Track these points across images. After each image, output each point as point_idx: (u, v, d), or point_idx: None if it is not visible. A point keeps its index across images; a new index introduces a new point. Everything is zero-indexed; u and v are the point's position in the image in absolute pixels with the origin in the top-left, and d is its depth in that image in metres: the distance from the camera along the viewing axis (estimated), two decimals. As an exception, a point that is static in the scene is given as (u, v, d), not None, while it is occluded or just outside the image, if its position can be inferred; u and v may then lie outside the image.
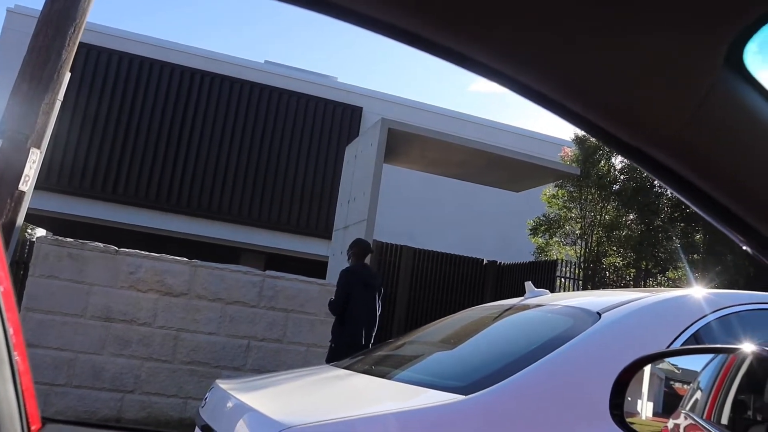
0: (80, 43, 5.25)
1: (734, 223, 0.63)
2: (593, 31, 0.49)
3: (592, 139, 11.79)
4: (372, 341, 5.19)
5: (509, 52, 0.51)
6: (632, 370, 1.15)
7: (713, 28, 0.50)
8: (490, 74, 0.53)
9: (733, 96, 0.54)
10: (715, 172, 0.59)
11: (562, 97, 0.55)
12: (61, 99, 5.11)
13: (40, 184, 12.02)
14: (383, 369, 2.63)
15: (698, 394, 1.37)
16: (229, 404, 2.25)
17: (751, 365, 1.19)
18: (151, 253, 5.88)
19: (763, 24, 0.51)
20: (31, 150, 4.71)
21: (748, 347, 1.05)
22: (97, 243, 5.73)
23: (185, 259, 5.97)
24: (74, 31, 4.87)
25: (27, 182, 4.76)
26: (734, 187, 0.60)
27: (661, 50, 0.51)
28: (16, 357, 0.58)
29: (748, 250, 0.68)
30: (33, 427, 0.61)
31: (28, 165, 4.69)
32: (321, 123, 15.26)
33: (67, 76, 5.05)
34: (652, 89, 0.54)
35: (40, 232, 17.18)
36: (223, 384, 2.58)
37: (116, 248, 5.76)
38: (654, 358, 1.27)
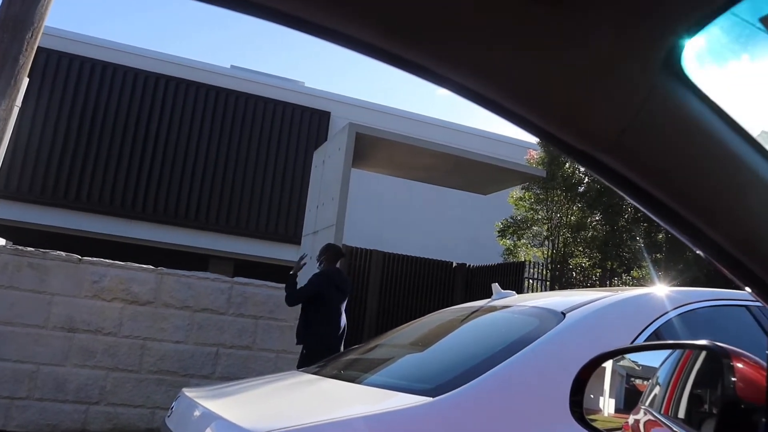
0: (40, 47, 5.14)
1: (681, 225, 0.64)
2: (533, 34, 0.50)
3: (557, 142, 11.96)
4: (342, 346, 5.16)
5: (455, 58, 0.52)
6: (591, 368, 1.17)
7: (650, 31, 0.52)
8: (440, 81, 0.54)
9: (671, 100, 0.56)
10: (660, 176, 0.60)
11: (510, 103, 0.56)
12: (19, 105, 4.99)
13: None
14: (352, 373, 2.63)
15: (657, 390, 1.41)
16: (196, 413, 2.23)
17: (704, 360, 1.22)
18: (116, 262, 5.78)
19: (700, 28, 0.53)
20: (-12, 158, 4.59)
21: (701, 342, 1.08)
22: (59, 252, 5.61)
23: (151, 267, 5.88)
24: (32, 35, 4.77)
25: (-16, 191, 4.64)
26: (676, 190, 0.61)
27: (599, 54, 0.52)
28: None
29: (699, 252, 0.69)
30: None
31: (-15, 173, 4.57)
32: (288, 128, 15.19)
33: (25, 81, 4.94)
34: (593, 93, 0.55)
35: None
36: (189, 392, 2.54)
37: (79, 257, 5.64)
38: (612, 355, 1.29)
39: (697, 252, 0.70)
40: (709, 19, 0.52)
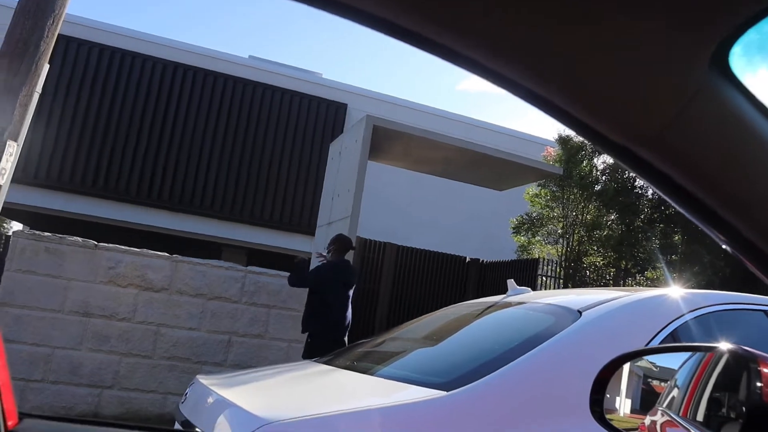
0: (60, 35, 5.17)
1: (716, 223, 0.63)
2: (580, 26, 0.50)
3: (575, 139, 11.88)
4: (347, 337, 5.17)
5: (497, 48, 0.51)
6: (612, 368, 1.16)
7: (700, 28, 0.51)
8: (479, 70, 0.53)
9: (717, 98, 0.55)
10: (698, 172, 0.59)
11: (549, 94, 0.55)
12: (39, 91, 5.03)
13: (18, 178, 11.84)
14: (365, 365, 2.63)
15: (675, 392, 1.39)
16: (210, 400, 2.24)
17: (727, 363, 1.20)
18: (132, 248, 5.82)
19: (750, 26, 0.52)
20: (7, 143, 4.63)
21: (724, 345, 1.07)
22: (75, 237, 5.66)
23: (166, 254, 5.93)
24: (53, 22, 4.80)
25: (3, 175, 4.68)
26: (717, 188, 0.60)
27: (648, 49, 0.51)
28: (-7, 351, 0.57)
29: (729, 250, 0.69)
30: (9, 423, 0.60)
31: (4, 158, 4.61)
32: (305, 119, 15.20)
33: (46, 68, 4.97)
34: (638, 88, 0.54)
35: (17, 226, 16.93)
36: (203, 379, 2.56)
37: (95, 243, 5.69)
38: (633, 356, 1.28)
39: (729, 251, 0.70)
40: (759, 18, 0.51)
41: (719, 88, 0.55)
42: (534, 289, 7.91)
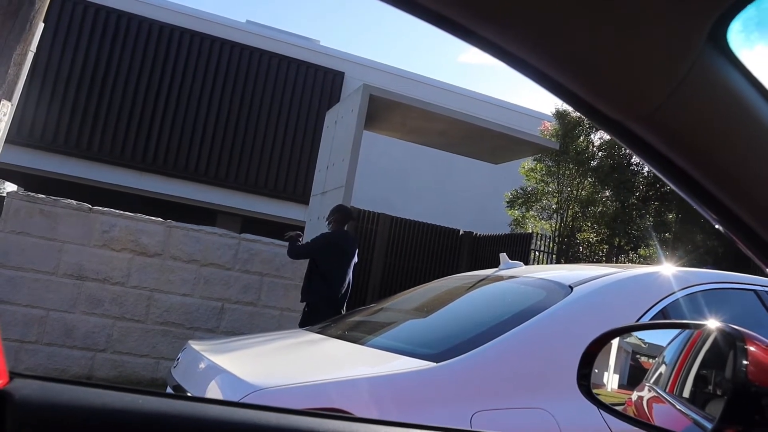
0: (54, -8, 5.07)
1: (709, 201, 0.63)
2: (579, 1, 0.49)
3: (573, 114, 11.84)
4: (344, 308, 5.20)
5: (500, 22, 0.50)
6: (601, 343, 1.17)
7: (698, 3, 0.50)
8: (481, 43, 0.52)
9: (714, 74, 0.54)
10: (693, 150, 0.59)
11: (548, 68, 0.54)
12: (34, 50, 4.95)
13: (11, 138, 11.72)
14: (356, 335, 2.65)
15: (662, 368, 1.41)
16: (202, 365, 2.26)
17: (715, 341, 1.22)
18: (126, 212, 5.81)
19: (749, 2, 0.51)
20: (1, 102, 4.57)
21: (713, 323, 1.07)
22: (70, 200, 5.64)
23: (160, 219, 5.91)
24: (48, -21, 4.70)
25: (-3, 135, 4.63)
26: (710, 166, 0.60)
27: (644, 24, 0.50)
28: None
29: (720, 228, 0.68)
30: (0, 382, 0.60)
31: (-2, 117, 4.55)
32: (302, 86, 15.06)
33: (41, 26, 4.89)
34: (633, 63, 0.53)
35: (11, 187, 16.83)
36: (195, 345, 2.58)
37: (90, 206, 5.67)
38: (622, 331, 1.29)
39: (721, 230, 0.69)
40: None
41: (716, 65, 0.54)
42: (526, 263, 7.95)
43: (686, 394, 1.28)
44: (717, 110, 0.56)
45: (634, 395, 1.43)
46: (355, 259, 5.33)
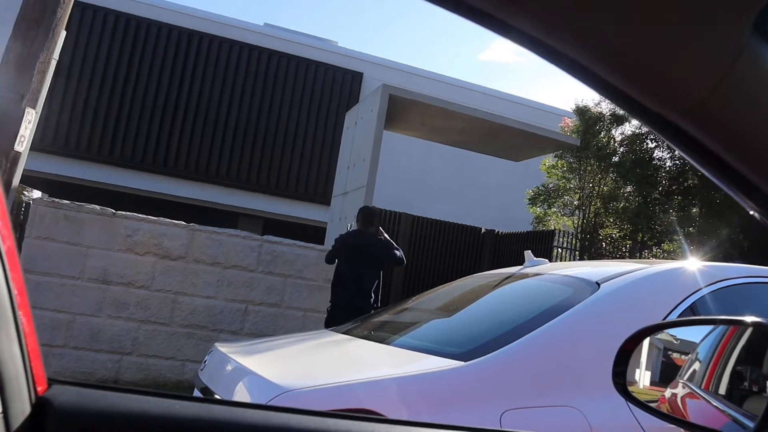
0: (76, 1, 5.14)
1: (753, 193, 0.61)
2: None
3: (593, 110, 11.72)
4: (360, 310, 5.14)
5: (542, 19, 0.49)
6: (636, 340, 1.15)
7: None
8: (523, 40, 0.51)
9: (762, 64, 0.52)
10: (740, 142, 0.57)
11: (586, 60, 0.53)
12: (57, 58, 5.02)
13: (36, 146, 11.93)
14: (382, 335, 2.64)
15: (696, 365, 1.38)
16: (229, 367, 2.27)
17: (751, 337, 1.19)
18: (149, 216, 5.87)
19: None
20: (26, 110, 4.65)
21: (749, 318, 1.05)
22: (93, 205, 5.71)
23: (183, 222, 5.97)
24: (70, -12, 4.76)
25: (23, 143, 4.71)
26: (757, 157, 0.58)
27: (688, 12, 0.49)
28: (21, 317, 0.57)
29: (766, 222, 0.67)
30: (39, 388, 0.60)
31: (23, 125, 4.63)
32: (321, 88, 15.10)
33: (63, 34, 4.96)
34: (677, 54, 0.52)
35: (36, 194, 17.11)
36: (222, 347, 2.59)
37: (113, 211, 5.74)
38: (657, 328, 1.27)
39: (761, 220, 0.68)
40: None
41: (763, 54, 0.52)
42: (549, 260, 7.89)
43: (722, 390, 1.26)
44: (765, 101, 0.54)
45: (668, 392, 1.41)
46: (394, 257, 5.31)
